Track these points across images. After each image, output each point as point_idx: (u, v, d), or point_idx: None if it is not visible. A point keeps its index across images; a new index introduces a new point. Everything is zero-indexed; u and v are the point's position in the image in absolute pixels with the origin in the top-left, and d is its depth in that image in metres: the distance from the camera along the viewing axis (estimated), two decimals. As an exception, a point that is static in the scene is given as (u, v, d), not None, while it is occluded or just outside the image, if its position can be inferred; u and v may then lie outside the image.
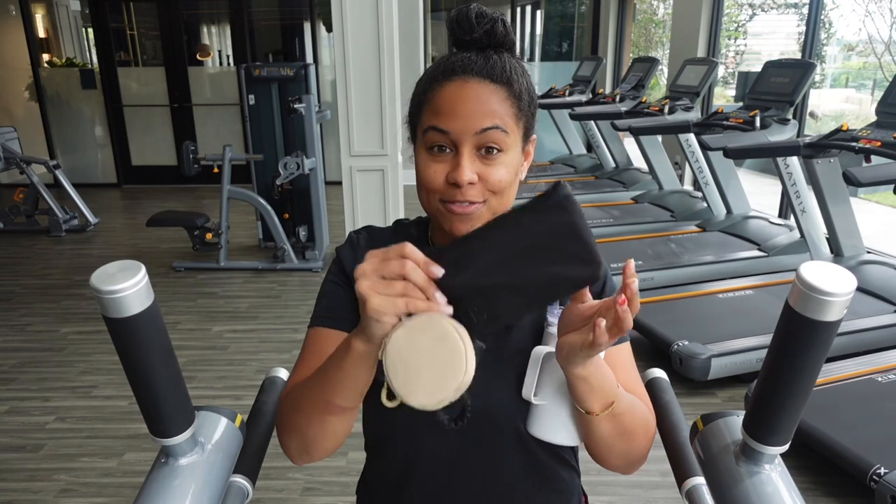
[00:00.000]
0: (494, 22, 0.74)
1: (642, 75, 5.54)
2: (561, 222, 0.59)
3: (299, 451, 0.78)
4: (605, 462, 0.81)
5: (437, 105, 0.74)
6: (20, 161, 5.30)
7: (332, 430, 0.73)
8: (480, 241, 0.60)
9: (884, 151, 2.78)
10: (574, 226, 0.59)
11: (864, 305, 3.07)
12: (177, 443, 0.70)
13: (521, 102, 0.75)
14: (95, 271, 0.60)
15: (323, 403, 0.70)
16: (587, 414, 0.73)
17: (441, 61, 0.77)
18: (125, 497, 2.20)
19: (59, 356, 3.23)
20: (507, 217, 0.60)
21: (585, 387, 0.71)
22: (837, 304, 0.57)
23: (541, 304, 0.64)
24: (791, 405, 0.65)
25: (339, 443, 0.76)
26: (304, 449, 0.77)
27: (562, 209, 0.59)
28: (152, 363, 0.65)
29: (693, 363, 2.70)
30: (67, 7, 7.65)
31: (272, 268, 4.42)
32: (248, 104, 4.62)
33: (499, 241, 0.60)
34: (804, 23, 4.65)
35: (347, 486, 2.21)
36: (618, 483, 2.19)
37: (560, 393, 0.76)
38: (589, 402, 0.72)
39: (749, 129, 3.65)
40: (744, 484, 0.69)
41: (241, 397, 2.77)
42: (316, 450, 0.76)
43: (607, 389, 0.72)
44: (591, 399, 0.72)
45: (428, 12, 7.31)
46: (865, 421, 2.29)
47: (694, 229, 4.49)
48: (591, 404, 0.72)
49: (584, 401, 0.72)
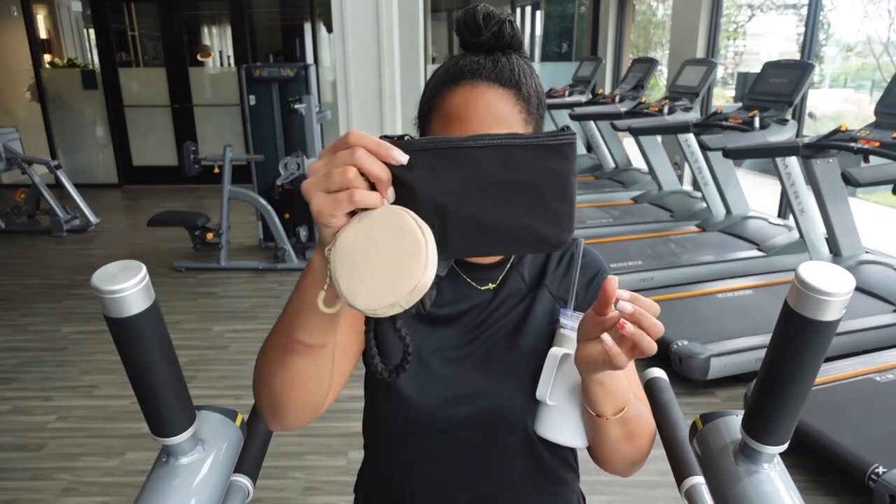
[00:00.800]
0: (502, 23, 0.74)
1: (642, 76, 5.54)
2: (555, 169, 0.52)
3: (270, 410, 0.71)
4: (608, 464, 0.81)
5: (446, 112, 0.74)
6: (22, 161, 5.30)
7: (297, 374, 0.66)
8: (461, 153, 0.52)
9: (882, 152, 2.79)
10: (565, 179, 0.53)
11: (863, 305, 3.08)
12: (178, 442, 0.70)
13: (529, 106, 0.75)
14: (96, 271, 0.60)
15: (284, 340, 0.64)
16: (598, 417, 0.74)
17: (450, 65, 0.76)
18: (126, 496, 2.20)
19: (60, 356, 3.23)
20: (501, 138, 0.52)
21: (601, 391, 0.72)
22: (836, 303, 0.58)
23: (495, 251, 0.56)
24: (790, 405, 0.65)
25: (310, 398, 0.69)
26: (273, 406, 0.70)
27: (563, 155, 0.52)
28: (153, 363, 0.65)
29: (692, 363, 2.70)
30: (69, 8, 7.66)
31: (273, 268, 4.42)
32: (248, 104, 4.62)
33: (483, 163, 0.52)
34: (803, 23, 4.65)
35: (347, 485, 2.20)
36: (617, 483, 2.20)
37: (572, 395, 0.77)
38: (602, 405, 0.73)
39: (748, 130, 3.65)
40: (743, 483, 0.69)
41: (242, 397, 2.78)
42: (285, 406, 0.69)
43: (620, 394, 0.73)
44: (604, 403, 0.73)
45: (428, 12, 7.31)
46: (864, 420, 2.29)
47: (693, 229, 4.49)
48: (604, 408, 0.73)
49: (597, 404, 0.73)
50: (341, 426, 2.50)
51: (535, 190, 0.52)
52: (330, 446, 2.41)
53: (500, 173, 0.52)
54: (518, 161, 0.52)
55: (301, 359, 0.65)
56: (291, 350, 0.64)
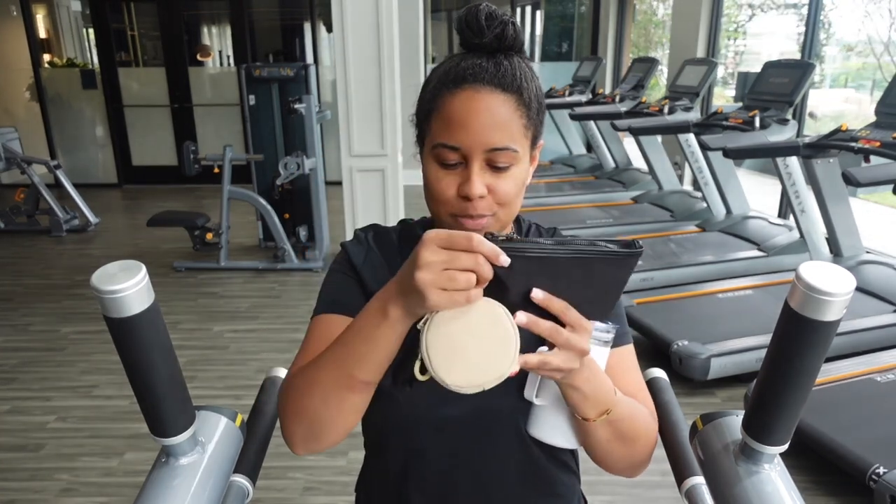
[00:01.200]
0: (505, 25, 0.73)
1: (642, 76, 5.54)
2: (619, 276, 0.63)
3: (305, 438, 0.73)
4: (606, 466, 0.81)
5: (447, 115, 0.74)
6: (21, 161, 5.30)
7: (350, 408, 0.70)
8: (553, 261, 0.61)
9: (883, 151, 2.79)
10: (623, 283, 0.64)
11: (864, 305, 3.08)
12: (177, 442, 0.70)
13: (530, 111, 0.75)
14: (96, 271, 0.60)
15: (344, 378, 0.67)
16: (583, 419, 0.74)
17: (451, 66, 0.75)
18: (126, 496, 2.20)
19: (60, 356, 3.23)
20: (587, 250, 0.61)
21: (577, 395, 0.71)
22: (837, 303, 0.57)
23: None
24: (790, 405, 0.65)
25: (351, 426, 0.72)
26: (313, 435, 0.72)
27: (629, 266, 0.62)
28: (153, 363, 0.65)
29: (693, 363, 2.70)
30: (68, 7, 7.66)
31: (272, 268, 4.42)
32: (248, 104, 4.62)
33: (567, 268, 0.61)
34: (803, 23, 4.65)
35: (347, 485, 2.21)
36: (617, 483, 2.19)
37: (561, 396, 0.77)
38: (583, 409, 0.73)
39: (748, 130, 3.65)
40: (743, 483, 0.69)
41: (242, 397, 2.78)
42: (327, 434, 0.72)
43: (602, 397, 0.72)
44: (584, 406, 0.72)
45: (428, 12, 7.32)
46: (864, 420, 2.29)
47: (693, 229, 4.49)
48: (586, 411, 0.73)
49: (578, 408, 0.73)
50: (341, 426, 2.51)
51: (597, 287, 0.63)
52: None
53: (577, 274, 0.62)
54: (593, 268, 0.62)
55: (361, 396, 0.70)
56: (350, 388, 0.68)
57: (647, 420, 0.81)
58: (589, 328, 0.65)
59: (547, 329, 0.63)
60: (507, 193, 0.75)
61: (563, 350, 0.64)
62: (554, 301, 0.63)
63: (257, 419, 0.89)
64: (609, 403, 0.73)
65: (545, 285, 0.62)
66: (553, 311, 0.63)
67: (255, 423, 0.88)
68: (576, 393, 0.71)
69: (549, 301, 0.63)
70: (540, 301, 0.63)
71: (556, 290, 0.62)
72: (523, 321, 0.62)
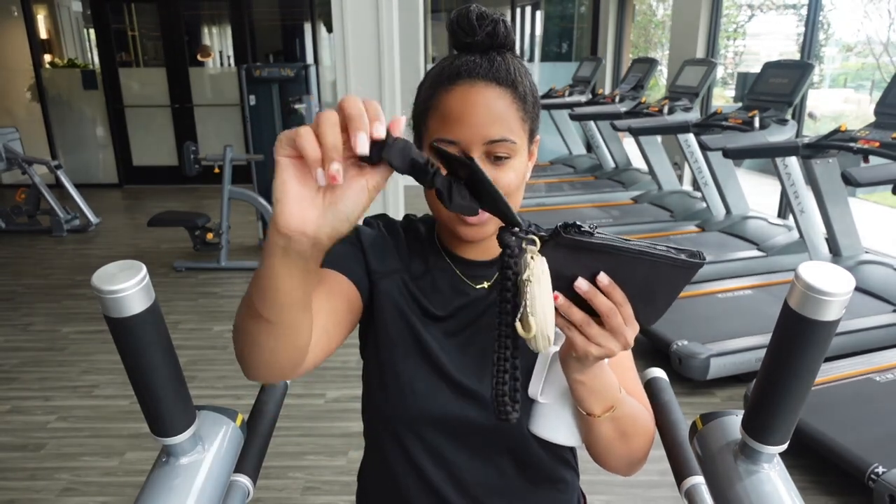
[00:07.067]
0: (496, 23, 0.74)
1: (642, 76, 5.54)
2: (678, 283, 0.63)
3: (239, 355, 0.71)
4: (605, 463, 0.81)
5: (444, 111, 0.74)
6: (22, 161, 5.30)
7: (255, 341, 0.65)
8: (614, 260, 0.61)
9: (882, 152, 2.79)
10: (680, 289, 0.65)
11: (863, 305, 3.08)
12: (178, 442, 0.70)
13: (525, 105, 0.76)
14: (96, 271, 0.60)
15: (248, 304, 0.63)
16: (588, 415, 0.74)
17: (445, 65, 0.76)
18: (126, 496, 2.20)
19: (60, 356, 3.23)
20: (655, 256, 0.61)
21: (584, 390, 0.72)
22: (836, 303, 0.58)
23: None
24: (790, 404, 0.65)
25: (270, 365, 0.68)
26: (240, 354, 0.70)
27: (691, 275, 0.63)
28: (153, 363, 0.65)
29: (692, 363, 2.70)
30: (69, 8, 7.66)
31: (272, 268, 4.41)
32: (248, 104, 4.62)
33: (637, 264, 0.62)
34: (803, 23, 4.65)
35: (347, 485, 2.21)
36: (617, 482, 2.20)
37: (565, 393, 0.77)
38: (589, 404, 0.73)
39: (748, 130, 3.65)
40: (743, 483, 0.69)
41: (242, 397, 2.78)
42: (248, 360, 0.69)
43: (608, 393, 0.73)
44: (590, 401, 0.73)
45: (428, 12, 7.31)
46: (864, 420, 2.29)
47: (693, 229, 4.49)
48: (592, 406, 0.73)
49: (584, 402, 0.73)
50: (341, 426, 2.50)
51: (655, 290, 0.64)
52: (330, 446, 2.41)
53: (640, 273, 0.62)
54: (658, 271, 0.62)
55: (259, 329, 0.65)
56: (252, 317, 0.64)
57: (646, 418, 0.81)
58: (636, 327, 0.65)
59: (605, 305, 0.62)
60: (508, 185, 0.75)
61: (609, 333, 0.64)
62: (616, 291, 0.62)
63: (258, 419, 0.89)
64: (614, 400, 0.73)
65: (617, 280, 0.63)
66: (613, 299, 0.62)
67: (255, 422, 0.88)
68: (582, 387, 0.71)
69: (613, 289, 0.62)
70: (605, 287, 0.62)
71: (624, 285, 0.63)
72: (584, 288, 0.61)
